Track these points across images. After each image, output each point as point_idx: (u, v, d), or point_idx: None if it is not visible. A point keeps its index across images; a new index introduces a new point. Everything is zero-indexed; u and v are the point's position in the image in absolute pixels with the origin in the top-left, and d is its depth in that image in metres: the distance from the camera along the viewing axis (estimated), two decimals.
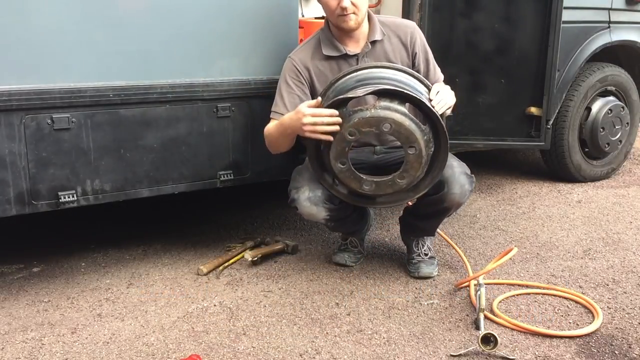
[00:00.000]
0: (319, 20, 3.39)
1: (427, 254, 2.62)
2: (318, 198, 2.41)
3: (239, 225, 3.22)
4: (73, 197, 2.34)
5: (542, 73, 3.13)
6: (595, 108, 3.80)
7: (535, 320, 2.21)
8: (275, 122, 2.41)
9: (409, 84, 2.31)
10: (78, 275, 2.65)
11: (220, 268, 2.64)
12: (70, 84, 2.26)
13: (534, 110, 3.21)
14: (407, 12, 2.99)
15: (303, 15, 3.81)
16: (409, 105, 2.23)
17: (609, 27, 3.67)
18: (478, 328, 2.09)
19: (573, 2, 3.34)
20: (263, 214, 3.39)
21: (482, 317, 2.14)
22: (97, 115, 2.32)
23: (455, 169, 2.41)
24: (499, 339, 1.97)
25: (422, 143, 2.21)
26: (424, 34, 2.62)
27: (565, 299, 2.38)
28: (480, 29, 3.11)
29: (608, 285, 2.49)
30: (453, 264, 2.71)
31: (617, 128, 3.87)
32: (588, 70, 3.73)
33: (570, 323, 2.20)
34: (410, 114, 2.21)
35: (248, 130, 2.64)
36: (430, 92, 2.31)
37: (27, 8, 2.13)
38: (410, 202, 2.57)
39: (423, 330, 2.15)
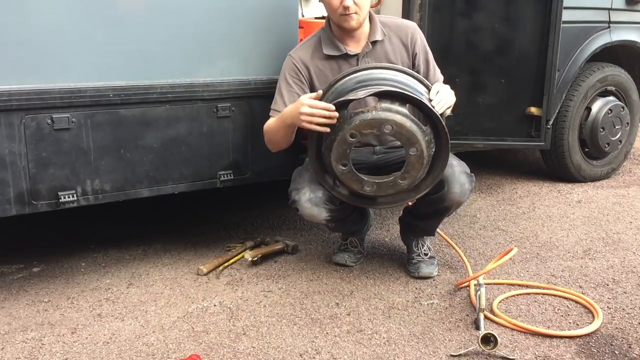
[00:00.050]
0: (319, 20, 3.39)
1: (427, 254, 2.62)
2: (319, 199, 2.41)
3: (239, 225, 3.22)
4: (73, 197, 2.34)
5: (542, 73, 3.13)
6: (595, 108, 3.80)
7: (535, 320, 2.21)
8: (275, 118, 2.42)
9: (409, 85, 2.31)
10: (78, 275, 2.65)
11: (220, 268, 2.64)
12: (70, 84, 2.26)
13: (534, 110, 3.20)
14: (407, 12, 2.99)
15: (303, 15, 3.81)
16: (409, 106, 2.23)
17: (609, 27, 3.67)
18: (478, 328, 2.09)
19: (573, 2, 3.34)
20: (263, 214, 3.39)
21: (482, 317, 2.14)
22: (97, 115, 2.33)
23: (455, 168, 2.41)
24: (499, 339, 1.97)
25: (423, 144, 2.20)
26: (424, 34, 2.63)
27: (565, 299, 2.38)
28: (480, 29, 3.11)
29: (608, 285, 2.49)
30: (453, 264, 2.71)
31: (617, 128, 3.87)
32: (588, 70, 3.73)
33: (570, 323, 2.20)
34: (411, 115, 2.21)
35: (248, 130, 2.64)
36: (430, 92, 2.31)
37: (27, 8, 2.13)
38: (411, 202, 2.56)
39: (423, 330, 2.15)
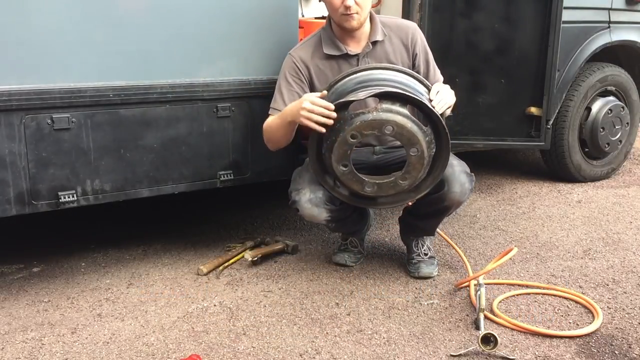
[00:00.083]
0: (319, 20, 3.39)
1: (426, 254, 2.62)
2: (319, 199, 2.41)
3: (239, 225, 3.22)
4: (73, 197, 2.34)
5: (542, 73, 3.13)
6: (595, 108, 3.80)
7: (535, 320, 2.21)
8: (275, 116, 2.42)
9: (409, 85, 2.31)
10: (78, 275, 2.65)
11: (220, 268, 2.64)
12: (70, 84, 2.26)
13: (534, 110, 3.20)
14: (407, 12, 2.99)
15: (303, 15, 3.81)
16: (409, 106, 2.23)
17: (609, 27, 3.67)
18: (478, 328, 2.09)
19: (573, 2, 3.34)
20: (263, 214, 3.39)
21: (482, 317, 2.14)
22: (97, 115, 2.32)
23: (455, 168, 2.41)
24: (499, 339, 1.97)
25: (424, 144, 2.20)
26: (424, 34, 2.63)
27: (565, 299, 2.38)
28: (480, 29, 3.11)
29: (608, 285, 2.49)
30: (453, 264, 2.71)
31: (617, 128, 3.87)
32: (588, 70, 3.73)
33: (570, 323, 2.20)
34: (412, 116, 2.21)
35: (248, 130, 2.64)
36: (430, 92, 2.31)
37: (27, 8, 2.13)
38: (411, 202, 2.56)
39: (423, 330, 2.15)
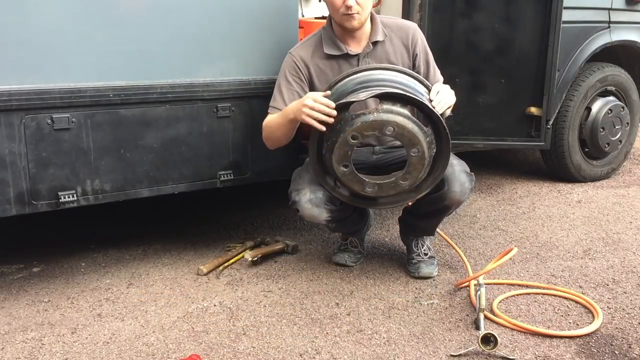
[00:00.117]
0: (319, 20, 3.39)
1: (426, 254, 2.62)
2: (319, 200, 2.41)
3: (239, 225, 3.22)
4: (73, 197, 2.34)
5: (542, 73, 3.13)
6: (595, 108, 3.80)
7: (535, 320, 2.21)
8: (276, 114, 2.42)
9: (410, 86, 2.31)
10: (78, 275, 2.65)
11: (220, 268, 2.64)
12: (70, 84, 2.26)
13: (534, 110, 3.20)
14: (407, 12, 2.99)
15: (303, 15, 3.81)
16: (409, 107, 2.23)
17: (609, 27, 3.67)
18: (478, 328, 2.09)
19: (573, 2, 3.34)
20: (263, 214, 3.39)
21: (482, 317, 2.14)
22: (97, 115, 2.32)
23: (455, 167, 2.41)
24: (499, 339, 1.97)
25: (424, 145, 2.21)
26: (424, 34, 2.63)
27: (565, 299, 2.38)
28: (480, 29, 3.11)
29: (608, 285, 2.49)
30: (453, 264, 2.71)
31: (617, 128, 3.87)
32: (588, 70, 3.73)
33: (570, 323, 2.20)
34: (413, 116, 2.21)
35: (248, 130, 2.63)
36: (431, 92, 2.31)
37: (27, 8, 2.13)
38: (411, 202, 2.56)
39: (423, 330, 2.15)
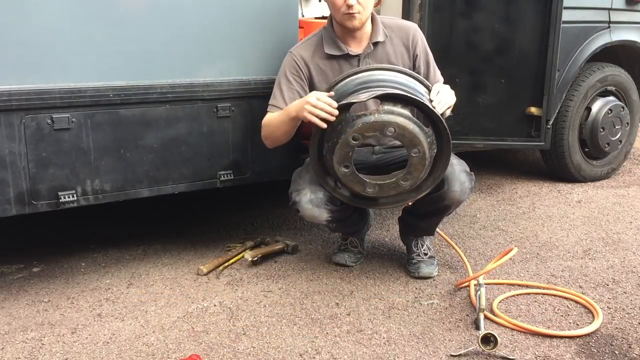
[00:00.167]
0: (319, 20, 3.40)
1: (426, 254, 2.62)
2: (320, 200, 2.41)
3: (239, 225, 3.22)
4: (73, 197, 2.34)
5: (542, 73, 3.13)
6: (595, 108, 3.80)
7: (535, 320, 2.21)
8: (276, 113, 2.42)
9: (410, 86, 2.31)
10: (78, 275, 2.65)
11: (220, 268, 2.64)
12: (70, 84, 2.26)
13: (534, 110, 3.21)
14: (407, 12, 2.99)
15: (303, 15, 3.81)
16: (410, 107, 2.23)
17: (609, 27, 3.67)
18: (478, 328, 2.09)
19: (573, 2, 3.34)
20: (263, 214, 3.39)
21: (482, 317, 2.14)
22: (97, 115, 2.32)
23: (455, 167, 2.41)
24: (499, 339, 1.97)
25: (425, 145, 2.21)
26: (424, 34, 2.63)
27: (565, 299, 2.38)
28: (480, 29, 3.11)
29: (608, 285, 2.49)
30: (453, 264, 2.71)
31: (617, 128, 3.87)
32: (588, 70, 3.73)
33: (570, 323, 2.20)
34: (413, 117, 2.21)
35: (248, 130, 2.63)
36: (431, 92, 2.31)
37: (27, 8, 2.13)
38: (411, 202, 2.56)
39: (423, 330, 2.15)
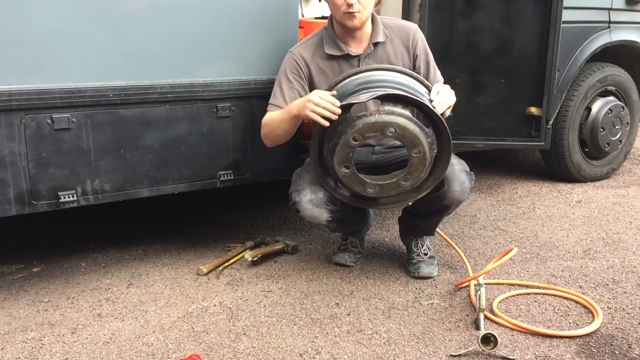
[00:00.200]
0: (319, 20, 3.40)
1: (426, 254, 2.62)
2: (320, 200, 2.41)
3: (239, 225, 3.22)
4: (73, 197, 2.34)
5: (542, 73, 3.13)
6: (595, 108, 3.80)
7: (535, 320, 2.21)
8: (277, 111, 2.42)
9: (410, 86, 2.31)
10: (78, 275, 2.65)
11: (220, 268, 2.64)
12: (70, 84, 2.26)
13: (534, 110, 3.21)
14: (407, 12, 2.99)
15: (303, 15, 3.81)
16: (410, 108, 2.23)
17: (609, 27, 3.67)
18: (478, 328, 2.09)
19: (573, 2, 3.34)
20: (263, 214, 3.39)
21: (482, 317, 2.14)
22: (97, 115, 2.32)
23: (455, 167, 2.41)
24: (499, 339, 1.97)
25: (426, 146, 2.21)
26: (424, 34, 2.63)
27: (565, 299, 2.38)
28: (480, 29, 3.11)
29: (608, 285, 2.49)
30: (453, 264, 2.71)
31: (617, 128, 3.87)
32: (588, 70, 3.73)
33: (570, 323, 2.20)
34: (414, 117, 2.21)
35: (248, 130, 2.63)
36: (431, 92, 2.31)
37: (27, 8, 2.13)
38: (411, 202, 2.57)
39: (423, 330, 2.15)
